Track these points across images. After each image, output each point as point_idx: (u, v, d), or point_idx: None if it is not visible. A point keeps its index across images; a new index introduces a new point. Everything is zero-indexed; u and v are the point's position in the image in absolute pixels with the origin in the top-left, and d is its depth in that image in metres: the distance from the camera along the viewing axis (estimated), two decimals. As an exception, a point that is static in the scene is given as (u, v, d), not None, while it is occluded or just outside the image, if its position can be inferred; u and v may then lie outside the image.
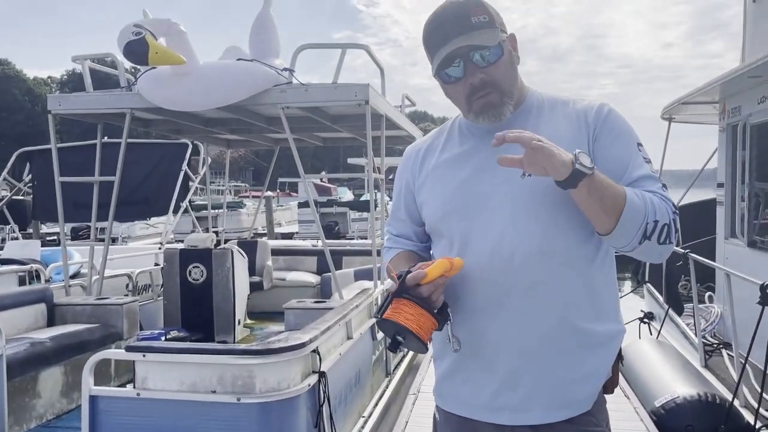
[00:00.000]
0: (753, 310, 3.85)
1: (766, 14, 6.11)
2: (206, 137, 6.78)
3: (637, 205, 1.43)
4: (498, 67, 1.57)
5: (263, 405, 2.77)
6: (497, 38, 1.55)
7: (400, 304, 1.46)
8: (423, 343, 1.47)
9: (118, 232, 14.22)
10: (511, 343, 1.56)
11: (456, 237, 1.61)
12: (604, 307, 1.61)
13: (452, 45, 1.52)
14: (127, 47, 4.04)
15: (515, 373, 1.57)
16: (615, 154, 1.55)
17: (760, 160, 5.59)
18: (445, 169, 1.68)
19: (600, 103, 1.62)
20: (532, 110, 1.65)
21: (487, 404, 1.61)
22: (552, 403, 1.57)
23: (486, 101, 1.57)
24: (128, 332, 4.90)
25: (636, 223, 1.43)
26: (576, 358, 1.57)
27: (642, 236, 1.45)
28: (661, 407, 4.27)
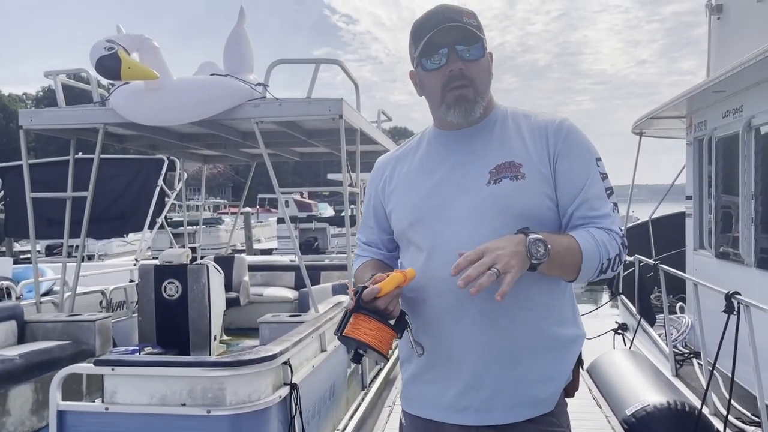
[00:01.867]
0: (721, 320, 3.93)
1: (730, 31, 6.30)
2: (182, 152, 6.77)
3: (592, 256, 1.55)
4: (478, 66, 1.63)
5: (234, 417, 2.77)
6: (483, 41, 1.64)
7: (358, 320, 1.52)
8: (382, 355, 1.53)
9: (94, 250, 14.06)
10: (474, 345, 1.61)
11: (424, 244, 1.65)
12: (564, 312, 1.68)
13: (442, 26, 1.59)
14: (99, 62, 4.04)
15: (479, 375, 1.61)
16: (574, 173, 1.62)
17: (725, 173, 5.73)
18: (415, 177, 1.73)
19: (560, 120, 1.69)
20: (497, 121, 1.71)
21: (452, 405, 1.65)
22: (515, 404, 1.61)
23: (460, 93, 1.62)
24: (101, 349, 4.84)
25: (593, 268, 1.58)
26: (538, 359, 1.62)
27: (598, 273, 1.60)
28: (632, 415, 4.33)
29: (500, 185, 1.60)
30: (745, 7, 5.82)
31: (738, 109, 5.34)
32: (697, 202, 6.47)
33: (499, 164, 1.63)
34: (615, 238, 1.59)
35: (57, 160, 7.63)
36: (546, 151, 1.64)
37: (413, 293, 1.66)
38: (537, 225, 1.58)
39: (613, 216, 1.62)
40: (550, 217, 1.63)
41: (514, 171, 1.61)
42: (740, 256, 5.19)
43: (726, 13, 6.35)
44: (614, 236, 1.59)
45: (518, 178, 1.60)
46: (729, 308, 3.83)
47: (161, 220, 8.09)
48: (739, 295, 3.77)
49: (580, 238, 1.55)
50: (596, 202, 1.61)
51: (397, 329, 1.55)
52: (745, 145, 5.08)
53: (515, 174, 1.61)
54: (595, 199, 1.61)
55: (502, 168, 1.62)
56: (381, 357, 1.54)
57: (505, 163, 1.63)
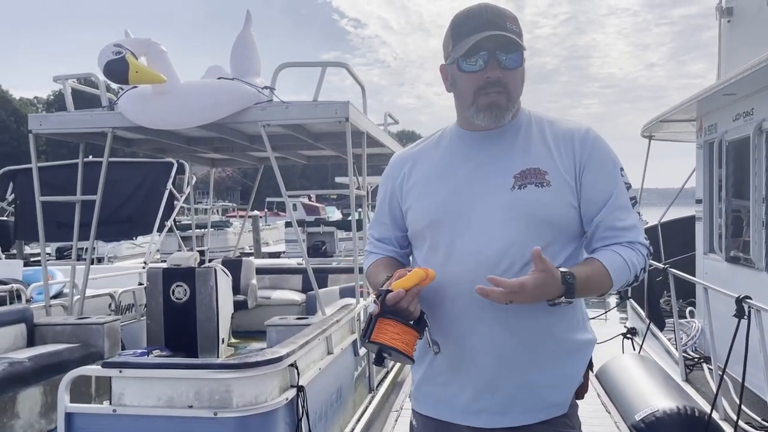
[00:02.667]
0: (731, 324, 3.89)
1: (740, 34, 6.26)
2: (189, 156, 6.80)
3: (621, 276, 1.60)
4: (515, 74, 1.64)
5: (240, 419, 2.77)
6: (522, 50, 1.64)
7: (383, 324, 1.52)
8: (408, 357, 1.54)
9: (104, 252, 14.13)
10: (491, 348, 1.61)
11: (442, 244, 1.65)
12: (578, 317, 1.70)
13: (486, 33, 1.58)
14: (107, 66, 4.07)
15: (495, 377, 1.62)
16: (600, 184, 1.64)
17: (736, 177, 5.68)
18: (435, 176, 1.72)
19: (586, 129, 1.69)
20: (522, 125, 1.71)
21: (466, 407, 1.65)
22: (529, 407, 1.62)
23: (494, 99, 1.62)
24: (110, 352, 4.86)
25: (622, 286, 1.64)
26: (553, 363, 1.63)
27: (625, 287, 1.66)
28: (641, 421, 4.29)
29: (525, 191, 1.61)
30: (755, 10, 5.79)
31: (749, 112, 5.30)
32: (707, 206, 6.43)
33: (524, 170, 1.63)
34: (641, 251, 1.63)
35: (66, 163, 7.69)
36: (572, 160, 1.65)
37: (428, 294, 1.65)
38: (559, 232, 1.62)
39: (638, 226, 1.66)
40: (572, 225, 1.65)
41: (540, 178, 1.62)
42: (751, 261, 5.14)
43: (736, 15, 6.31)
44: (639, 249, 1.63)
45: (543, 185, 1.61)
46: (740, 312, 3.79)
47: (170, 223, 8.13)
48: (749, 299, 3.74)
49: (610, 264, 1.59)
50: (622, 213, 1.64)
51: (419, 329, 1.56)
52: (756, 149, 5.04)
53: (540, 181, 1.61)
54: (620, 210, 1.64)
55: (527, 174, 1.62)
56: (407, 359, 1.56)
57: (531, 169, 1.63)
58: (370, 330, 1.54)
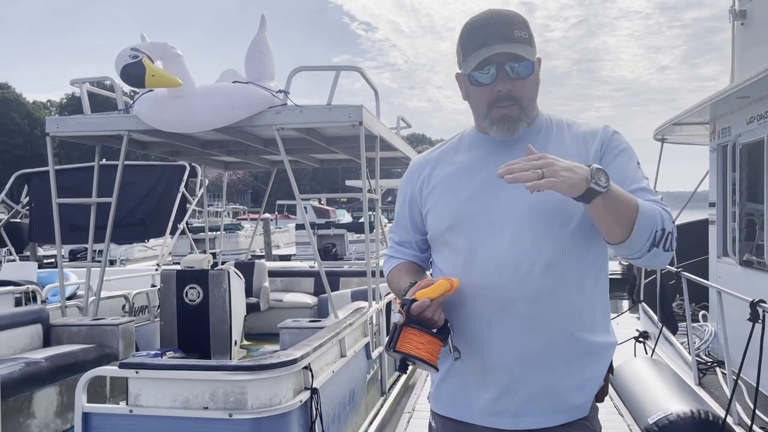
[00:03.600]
0: (745, 328, 3.88)
1: (754, 36, 6.24)
2: (203, 159, 6.85)
3: (649, 215, 1.49)
4: (526, 83, 1.64)
5: (255, 421, 2.79)
6: (533, 56, 1.63)
7: (408, 334, 1.53)
8: (433, 366, 1.55)
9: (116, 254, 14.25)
10: (513, 350, 1.61)
11: (463, 247, 1.66)
12: (599, 319, 1.68)
13: (494, 49, 1.57)
14: (124, 70, 4.11)
15: (516, 379, 1.62)
16: (617, 166, 1.62)
17: (750, 180, 5.65)
18: (455, 180, 1.73)
19: (604, 126, 1.71)
20: (541, 130, 1.72)
21: (487, 408, 1.65)
22: (550, 408, 1.62)
23: (505, 112, 1.63)
24: (124, 353, 4.91)
25: (647, 233, 1.48)
26: (575, 365, 1.63)
27: (651, 244, 1.50)
28: (654, 424, 4.27)
29: (545, 192, 1.57)
30: (768, 13, 5.76)
31: (763, 115, 5.27)
32: (720, 209, 6.39)
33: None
34: (670, 216, 1.55)
35: (79, 166, 7.77)
36: (592, 152, 1.65)
37: (450, 296, 1.65)
38: (582, 231, 1.60)
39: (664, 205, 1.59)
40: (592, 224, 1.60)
41: None
42: (765, 264, 5.11)
43: (750, 18, 6.28)
44: (669, 215, 1.55)
45: None
46: (754, 316, 3.78)
47: (182, 226, 8.19)
48: (764, 302, 3.72)
49: (639, 199, 1.51)
50: (645, 194, 1.58)
51: (442, 337, 1.57)
52: (770, 152, 5.01)
53: None
54: (643, 191, 1.59)
55: None
56: (432, 368, 1.56)
57: None
58: (395, 339, 1.54)
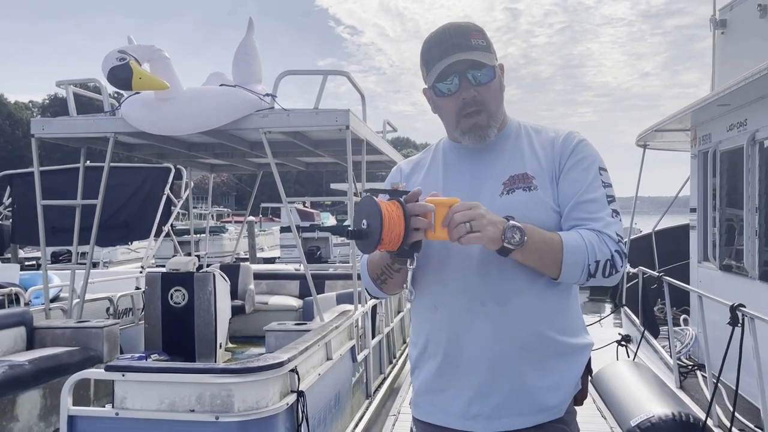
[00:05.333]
0: (725, 332, 3.95)
1: (734, 45, 6.35)
2: (189, 162, 6.83)
3: (576, 253, 1.56)
4: (489, 88, 1.68)
5: (242, 424, 2.80)
6: (492, 62, 1.67)
7: (391, 202, 1.51)
8: (377, 241, 1.47)
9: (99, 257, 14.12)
10: (485, 352, 1.64)
11: (435, 251, 1.69)
12: (572, 320, 1.72)
13: (452, 58, 1.63)
14: (111, 72, 4.10)
15: (488, 382, 1.64)
16: (574, 177, 1.67)
17: (729, 186, 5.75)
18: (429, 186, 1.74)
19: (568, 133, 1.74)
20: (511, 136, 1.76)
21: (462, 413, 1.67)
22: (524, 411, 1.64)
23: (474, 122, 1.68)
24: (108, 355, 4.88)
25: (578, 269, 1.58)
26: (547, 366, 1.65)
27: (587, 276, 1.59)
28: (636, 426, 4.33)
29: (513, 195, 1.65)
30: (748, 22, 5.88)
31: (742, 122, 5.38)
32: (701, 215, 6.49)
33: (512, 175, 1.68)
34: (606, 242, 1.59)
35: (62, 168, 7.69)
36: (555, 163, 1.69)
37: (424, 299, 1.70)
38: None
39: (608, 220, 1.62)
40: (559, 228, 1.66)
41: (527, 182, 1.66)
42: (744, 269, 5.21)
43: (730, 27, 6.40)
44: (605, 239, 1.59)
45: (531, 189, 1.65)
46: (734, 320, 3.85)
47: (167, 228, 8.15)
48: (744, 307, 3.79)
49: (565, 235, 1.58)
50: (592, 206, 1.64)
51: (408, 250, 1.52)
52: (750, 159, 5.11)
53: (528, 185, 1.66)
54: (591, 202, 1.64)
55: (515, 179, 1.67)
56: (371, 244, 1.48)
57: (518, 174, 1.68)
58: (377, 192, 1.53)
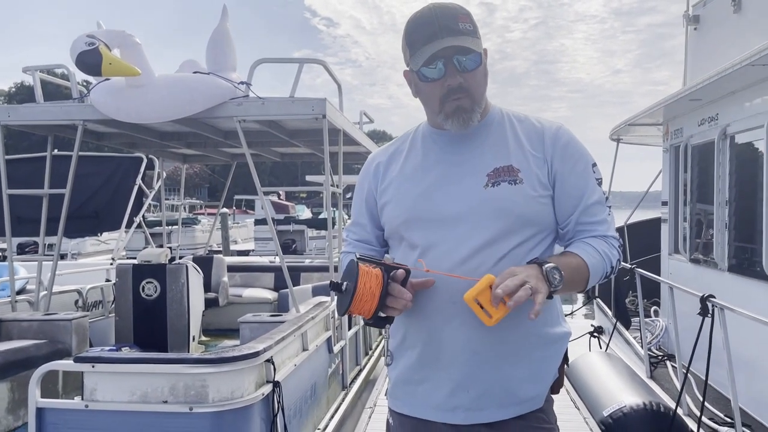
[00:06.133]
0: (695, 323, 4.01)
1: (706, 41, 6.44)
2: (161, 151, 6.71)
3: (598, 268, 1.65)
4: (475, 75, 1.64)
5: (217, 414, 2.76)
6: (479, 47, 1.64)
7: (376, 274, 1.51)
8: (345, 307, 1.53)
9: (67, 248, 13.83)
10: (465, 345, 1.63)
11: (418, 243, 1.67)
12: (550, 311, 1.71)
13: (440, 44, 1.58)
14: (80, 57, 3.99)
15: (469, 375, 1.63)
16: (573, 181, 1.68)
17: (700, 181, 5.85)
18: (408, 176, 1.73)
19: (557, 126, 1.72)
20: (494, 123, 1.73)
21: (442, 404, 1.66)
22: (504, 402, 1.64)
23: (458, 104, 1.63)
24: (77, 348, 4.77)
25: (598, 278, 1.68)
26: (527, 358, 1.65)
27: (603, 280, 1.71)
28: (609, 416, 4.39)
29: (499, 188, 1.63)
30: (721, 18, 5.96)
31: (714, 117, 5.46)
32: (672, 208, 6.60)
33: (497, 167, 1.65)
34: (613, 244, 1.69)
35: (27, 157, 7.49)
36: (544, 157, 1.67)
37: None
38: (532, 227, 1.64)
39: (609, 221, 1.71)
40: (546, 221, 1.67)
41: (513, 175, 1.64)
42: (714, 261, 5.30)
43: (703, 23, 6.49)
44: (612, 242, 1.69)
45: (516, 183, 1.63)
46: (704, 311, 3.90)
47: (138, 220, 8.01)
48: (714, 298, 3.85)
49: (586, 255, 1.63)
50: (594, 209, 1.68)
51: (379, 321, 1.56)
52: (720, 153, 5.20)
53: (513, 178, 1.64)
54: (593, 206, 1.68)
55: (500, 171, 1.65)
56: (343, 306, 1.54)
57: (504, 167, 1.65)
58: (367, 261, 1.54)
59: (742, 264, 4.93)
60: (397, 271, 1.53)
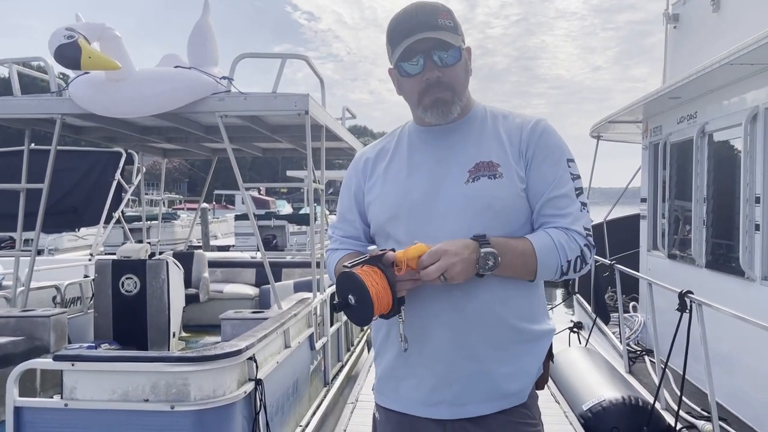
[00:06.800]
0: (673, 318, 4.07)
1: (686, 40, 6.52)
2: (141, 146, 6.63)
3: (548, 257, 1.60)
4: (454, 69, 1.66)
5: (198, 413, 2.74)
6: (459, 43, 1.65)
7: (371, 270, 1.50)
8: (369, 314, 1.49)
9: (44, 244, 13.62)
10: (449, 340, 1.64)
11: (403, 239, 1.67)
12: (534, 307, 1.72)
13: (417, 36, 1.60)
14: (59, 50, 3.92)
15: (451, 370, 1.64)
16: (543, 172, 1.66)
17: (679, 178, 5.93)
18: (395, 172, 1.75)
19: (536, 121, 1.72)
20: (476, 120, 1.74)
21: (425, 399, 1.67)
22: (487, 397, 1.65)
23: (438, 96, 1.65)
24: (56, 345, 4.70)
25: (551, 271, 1.63)
26: (510, 354, 1.66)
27: (560, 274, 1.64)
28: (588, 410, 4.45)
29: (478, 183, 1.64)
30: (700, 17, 6.04)
31: (692, 115, 5.53)
32: (651, 205, 6.68)
33: (477, 163, 1.67)
34: (576, 239, 1.62)
35: (4, 151, 7.36)
36: (520, 151, 1.68)
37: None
38: (512, 223, 1.64)
39: (577, 215, 1.65)
40: (525, 214, 1.67)
41: (492, 170, 1.65)
42: (691, 257, 5.38)
43: (682, 22, 6.57)
44: (575, 236, 1.62)
45: (496, 177, 1.64)
46: (682, 307, 3.96)
47: (117, 215, 7.91)
48: (692, 294, 3.91)
49: (537, 241, 1.60)
50: (561, 201, 1.65)
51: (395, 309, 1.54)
52: (699, 151, 5.27)
53: (493, 173, 1.65)
54: (561, 197, 1.65)
55: (480, 167, 1.66)
56: (365, 317, 1.50)
57: (484, 162, 1.66)
58: (357, 264, 1.51)
59: (719, 260, 5.01)
60: (384, 256, 1.53)
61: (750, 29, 4.20)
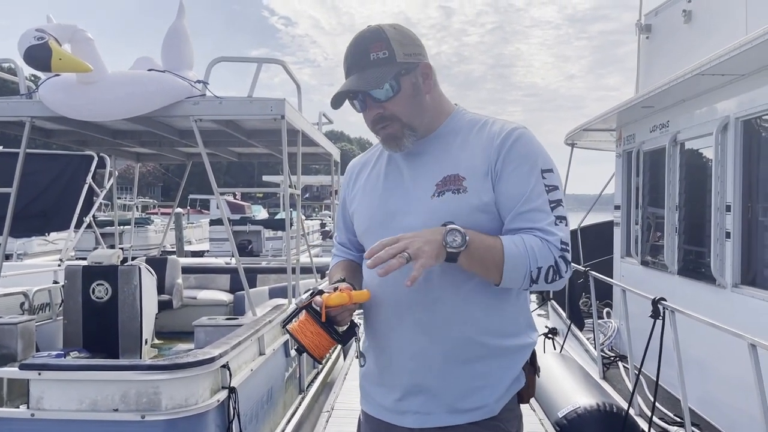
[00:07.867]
0: (646, 324, 4.11)
1: (658, 49, 6.63)
2: (114, 150, 6.53)
3: (517, 260, 1.51)
4: (395, 102, 1.64)
5: (170, 422, 2.68)
6: (389, 77, 1.61)
7: (305, 320, 1.56)
8: (314, 358, 1.59)
9: (13, 248, 13.34)
10: (411, 354, 1.65)
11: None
12: (506, 321, 1.67)
13: (346, 84, 1.63)
14: (28, 52, 3.83)
15: (416, 382, 1.65)
16: (513, 184, 1.59)
17: (651, 185, 6.01)
18: (372, 184, 1.78)
19: (510, 129, 1.65)
20: (450, 132, 1.71)
21: (394, 408, 1.70)
22: (453, 409, 1.64)
23: (387, 133, 1.67)
24: (23, 353, 4.60)
25: (519, 274, 1.53)
26: (475, 368, 1.63)
27: (529, 282, 1.54)
28: (563, 417, 4.45)
29: (442, 198, 1.62)
30: (672, 28, 6.14)
31: (665, 124, 5.62)
32: (624, 212, 6.76)
33: (445, 176, 1.64)
34: (550, 248, 1.53)
35: (-30, 154, 7.19)
36: (489, 160, 1.61)
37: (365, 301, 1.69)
38: None
39: (549, 229, 1.55)
40: (492, 229, 1.60)
41: (457, 184, 1.61)
42: (664, 264, 5.45)
43: (654, 32, 6.67)
44: (549, 246, 1.53)
45: (460, 192, 1.61)
46: (655, 313, 4.00)
47: (89, 219, 7.76)
48: (665, 300, 3.95)
49: (507, 240, 1.53)
50: (533, 215, 1.57)
51: (344, 338, 1.60)
52: (671, 159, 5.35)
53: (457, 187, 1.61)
54: (532, 212, 1.57)
55: (447, 180, 1.63)
56: (314, 360, 1.62)
57: (450, 176, 1.63)
58: (291, 319, 1.59)
59: (690, 267, 5.08)
60: (315, 299, 1.56)
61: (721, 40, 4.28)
